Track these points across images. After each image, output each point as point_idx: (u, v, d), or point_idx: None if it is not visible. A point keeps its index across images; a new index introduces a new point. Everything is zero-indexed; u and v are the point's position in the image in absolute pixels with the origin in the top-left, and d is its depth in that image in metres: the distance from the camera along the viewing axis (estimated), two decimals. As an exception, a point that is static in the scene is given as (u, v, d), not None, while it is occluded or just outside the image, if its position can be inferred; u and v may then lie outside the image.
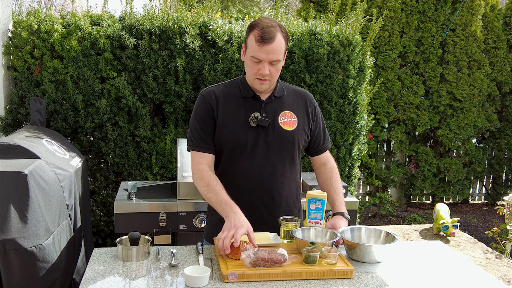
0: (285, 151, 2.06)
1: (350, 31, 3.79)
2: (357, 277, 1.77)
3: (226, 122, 2.02)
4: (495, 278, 1.84)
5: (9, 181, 2.11)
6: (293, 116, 2.08)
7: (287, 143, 2.06)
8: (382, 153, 6.18)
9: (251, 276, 1.68)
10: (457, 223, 4.50)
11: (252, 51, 1.91)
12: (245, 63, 2.00)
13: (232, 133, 2.01)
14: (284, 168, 2.07)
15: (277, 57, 1.91)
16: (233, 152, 2.03)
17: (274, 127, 2.04)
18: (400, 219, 5.70)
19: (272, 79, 1.98)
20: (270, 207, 2.06)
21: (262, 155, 2.03)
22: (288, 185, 2.10)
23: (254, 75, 1.95)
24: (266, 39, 1.86)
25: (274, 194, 2.06)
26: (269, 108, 2.06)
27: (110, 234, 3.66)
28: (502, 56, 6.09)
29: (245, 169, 2.03)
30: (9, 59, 3.40)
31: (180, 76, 3.43)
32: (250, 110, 2.03)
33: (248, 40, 1.93)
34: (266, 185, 2.04)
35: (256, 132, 2.02)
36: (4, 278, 2.12)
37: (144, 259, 1.86)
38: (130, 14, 3.47)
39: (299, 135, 2.08)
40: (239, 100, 2.05)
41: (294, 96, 2.14)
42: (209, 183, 1.97)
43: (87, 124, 3.42)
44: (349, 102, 3.84)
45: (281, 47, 1.91)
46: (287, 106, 2.09)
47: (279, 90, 2.09)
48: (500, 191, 6.55)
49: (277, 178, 2.06)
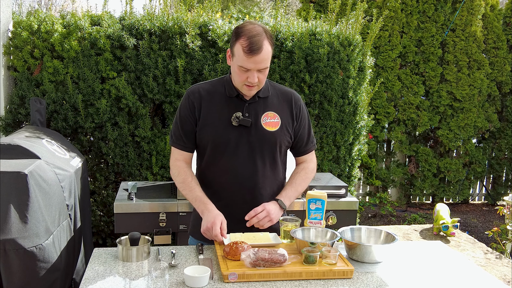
0: (267, 151, 2.07)
1: (350, 31, 3.79)
2: (357, 277, 1.77)
3: (209, 121, 2.04)
4: (495, 278, 1.84)
5: (9, 181, 2.11)
6: (276, 117, 2.08)
7: (269, 143, 2.06)
8: (382, 153, 6.18)
9: (251, 276, 1.68)
10: (457, 223, 4.50)
11: (240, 61, 1.90)
12: (232, 69, 2.00)
13: (215, 132, 2.03)
14: (266, 168, 2.08)
15: (265, 65, 1.93)
16: (215, 150, 2.05)
17: (257, 127, 2.05)
18: (400, 219, 5.70)
19: (260, 84, 1.99)
20: (251, 205, 2.06)
21: (244, 154, 2.04)
22: (269, 185, 2.11)
23: (242, 82, 1.96)
24: (254, 50, 1.86)
25: (255, 193, 2.07)
26: (252, 108, 2.06)
27: (110, 234, 3.66)
28: (502, 56, 6.09)
29: (227, 167, 2.05)
30: (9, 59, 3.40)
31: (180, 76, 3.43)
32: (234, 109, 2.04)
33: (235, 50, 1.92)
34: (247, 184, 2.05)
35: (239, 132, 2.03)
36: (4, 278, 2.12)
37: (144, 259, 1.86)
38: (130, 14, 3.47)
39: (281, 136, 2.08)
40: (223, 99, 2.06)
41: (279, 97, 2.13)
42: (185, 179, 2.05)
43: (87, 124, 3.42)
44: (349, 102, 3.84)
45: (269, 55, 1.92)
46: (271, 107, 2.09)
47: (264, 91, 2.09)
48: (500, 191, 6.55)
49: (258, 178, 2.07)
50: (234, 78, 2.01)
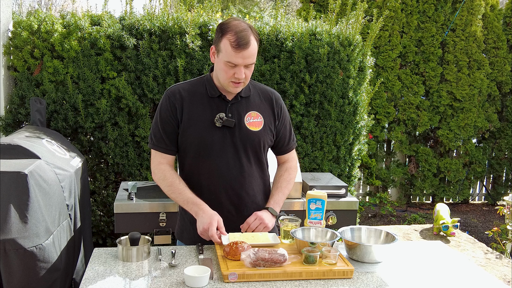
0: (251, 151, 2.06)
1: (350, 31, 3.79)
2: (357, 277, 1.77)
3: (192, 123, 2.01)
4: (495, 278, 1.84)
5: (9, 181, 2.11)
6: (259, 117, 2.07)
7: (253, 143, 2.05)
8: (382, 153, 6.18)
9: (251, 276, 1.68)
10: (457, 223, 4.50)
11: (228, 57, 1.89)
12: (217, 66, 1.97)
13: (198, 134, 2.01)
14: (251, 168, 2.08)
15: (252, 60, 1.93)
16: (199, 152, 2.02)
17: (241, 128, 2.03)
18: (400, 219, 5.70)
19: (246, 81, 1.98)
20: (238, 205, 2.06)
21: (229, 155, 2.03)
22: (256, 184, 2.11)
23: (229, 79, 1.95)
24: (243, 44, 1.87)
25: (242, 194, 2.07)
26: (235, 108, 2.05)
27: (110, 234, 3.66)
28: (502, 56, 6.09)
29: (212, 169, 2.03)
30: (9, 59, 3.40)
31: (180, 76, 3.43)
32: (216, 110, 2.02)
33: (222, 45, 1.91)
34: (234, 185, 2.04)
35: (222, 133, 2.02)
36: (4, 278, 2.12)
37: (144, 259, 1.86)
38: (130, 14, 3.47)
39: (265, 135, 2.08)
40: (205, 100, 2.04)
41: (260, 96, 2.13)
42: (172, 183, 2.02)
43: (87, 124, 3.42)
44: (349, 102, 3.84)
45: (255, 50, 1.93)
46: (253, 107, 2.08)
47: (246, 90, 2.08)
48: (500, 191, 6.55)
49: (244, 178, 2.06)
50: (219, 76, 1.98)
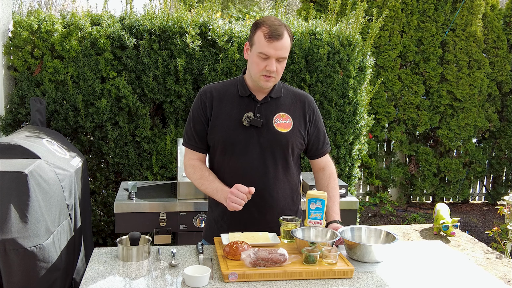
0: (278, 152, 2.04)
1: (351, 31, 3.79)
2: (357, 277, 1.77)
3: (220, 121, 2.03)
4: (495, 278, 1.84)
5: (9, 181, 2.11)
6: (288, 119, 2.06)
7: (280, 145, 2.04)
8: (382, 153, 6.18)
9: (251, 276, 1.68)
10: (457, 222, 4.50)
11: (260, 47, 1.91)
12: (250, 60, 1.98)
13: (224, 132, 2.02)
14: (277, 170, 2.05)
15: (284, 54, 1.93)
16: (226, 150, 2.03)
17: (268, 128, 2.03)
18: (400, 218, 5.70)
19: (277, 76, 1.98)
20: (261, 207, 2.05)
21: (254, 155, 2.02)
22: (281, 187, 2.08)
23: (260, 72, 1.95)
24: (276, 35, 1.89)
25: (265, 195, 2.05)
26: (264, 109, 2.04)
27: (110, 234, 3.66)
28: (502, 56, 6.09)
29: (237, 168, 2.03)
30: (9, 59, 3.40)
31: (180, 76, 3.43)
32: (245, 109, 2.03)
33: (255, 37, 1.93)
34: (257, 186, 2.00)
35: (249, 132, 2.02)
36: (4, 278, 2.12)
37: (144, 259, 1.86)
38: (130, 14, 3.47)
39: (293, 138, 2.06)
40: (235, 99, 2.05)
41: (292, 99, 2.12)
42: (202, 175, 2.04)
43: (87, 124, 3.42)
44: (349, 102, 3.84)
45: (288, 45, 1.94)
46: (283, 108, 2.07)
47: (277, 91, 2.08)
48: (500, 190, 6.55)
49: (269, 180, 2.04)
50: (251, 70, 1.99)
